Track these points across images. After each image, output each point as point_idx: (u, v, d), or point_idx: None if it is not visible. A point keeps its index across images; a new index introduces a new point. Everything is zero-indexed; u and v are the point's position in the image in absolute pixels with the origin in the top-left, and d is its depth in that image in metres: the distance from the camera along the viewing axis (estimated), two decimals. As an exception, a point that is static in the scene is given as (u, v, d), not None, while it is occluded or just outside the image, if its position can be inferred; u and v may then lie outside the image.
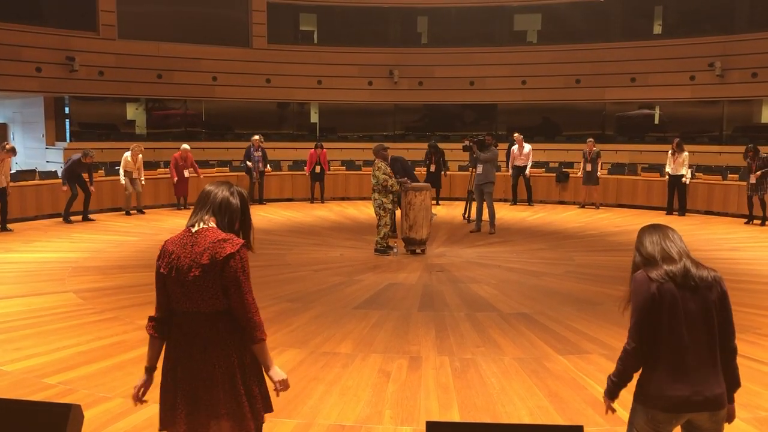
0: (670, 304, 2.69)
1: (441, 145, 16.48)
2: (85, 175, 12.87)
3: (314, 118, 21.07)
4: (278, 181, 17.04)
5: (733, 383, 2.79)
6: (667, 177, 14.53)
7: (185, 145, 15.08)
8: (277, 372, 2.80)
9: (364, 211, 14.32)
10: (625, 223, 13.35)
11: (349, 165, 17.92)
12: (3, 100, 19.02)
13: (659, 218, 13.91)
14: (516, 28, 20.46)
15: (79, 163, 12.70)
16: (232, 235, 2.75)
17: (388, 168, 9.90)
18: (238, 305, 2.69)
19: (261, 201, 16.17)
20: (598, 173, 15.52)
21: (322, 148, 16.19)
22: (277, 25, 19.82)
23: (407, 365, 5.34)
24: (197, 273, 2.66)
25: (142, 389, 2.86)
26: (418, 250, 9.96)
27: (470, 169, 12.95)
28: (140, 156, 14.04)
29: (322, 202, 16.43)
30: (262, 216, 14.13)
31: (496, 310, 6.97)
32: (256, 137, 15.92)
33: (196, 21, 18.99)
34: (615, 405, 2.88)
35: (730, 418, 2.81)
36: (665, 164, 14.66)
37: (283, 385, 2.80)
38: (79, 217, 12.97)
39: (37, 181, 13.67)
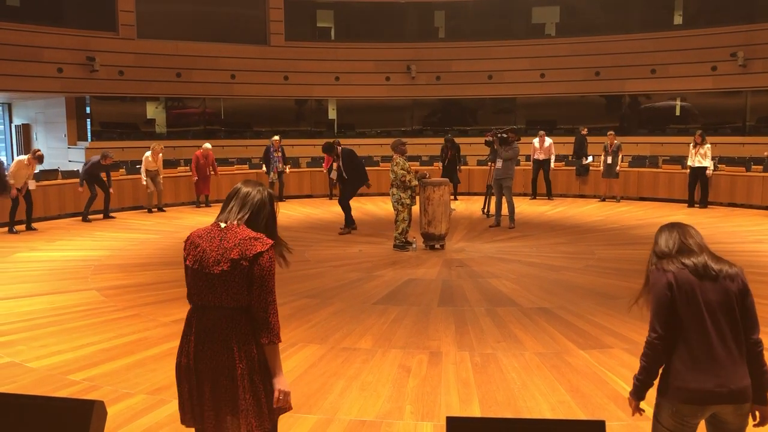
0: (688, 292, 2.66)
1: (458, 140, 16.43)
2: (104, 176, 13.01)
3: (332, 114, 21.11)
4: (297, 177, 17.08)
5: (764, 383, 2.67)
6: (688, 169, 14.36)
7: (207, 144, 15.09)
8: (284, 381, 2.77)
9: (382, 206, 14.31)
10: (647, 216, 13.21)
11: (367, 161, 17.90)
12: (26, 101, 19.30)
13: (681, 210, 13.77)
14: (534, 21, 20.32)
15: (98, 165, 12.83)
16: (262, 235, 2.78)
17: (407, 163, 9.88)
18: (258, 304, 2.70)
19: (280, 198, 16.22)
20: (618, 167, 15.37)
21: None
22: (295, 23, 19.88)
23: (427, 360, 5.34)
24: (225, 267, 2.69)
25: None
26: (437, 246, 9.93)
27: (489, 163, 12.88)
28: (160, 155, 14.17)
29: (341, 199, 16.44)
30: (281, 213, 14.02)
31: (517, 305, 6.94)
32: (276, 138, 15.96)
33: (214, 20, 19.12)
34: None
35: (764, 420, 2.71)
36: (687, 156, 14.48)
37: (285, 397, 2.74)
38: (100, 216, 13.13)
39: (59, 181, 13.81)
